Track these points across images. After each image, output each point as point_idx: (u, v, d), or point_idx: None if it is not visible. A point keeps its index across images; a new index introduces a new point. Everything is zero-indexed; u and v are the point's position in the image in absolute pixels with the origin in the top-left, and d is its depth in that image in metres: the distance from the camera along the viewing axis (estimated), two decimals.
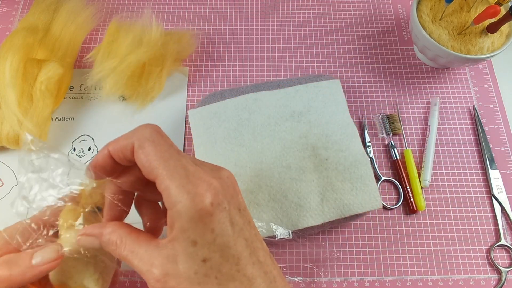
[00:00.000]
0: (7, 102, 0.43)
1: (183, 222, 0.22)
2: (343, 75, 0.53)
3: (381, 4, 0.58)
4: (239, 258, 0.23)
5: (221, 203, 0.23)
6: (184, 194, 0.22)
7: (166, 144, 0.24)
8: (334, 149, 0.42)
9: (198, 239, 0.22)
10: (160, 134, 0.24)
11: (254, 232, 0.25)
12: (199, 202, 0.22)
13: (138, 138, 0.23)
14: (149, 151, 0.23)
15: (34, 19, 0.50)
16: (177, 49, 0.50)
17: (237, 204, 0.24)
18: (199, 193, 0.22)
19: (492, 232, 0.45)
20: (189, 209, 0.22)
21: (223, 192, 0.23)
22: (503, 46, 0.46)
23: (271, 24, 0.56)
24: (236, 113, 0.44)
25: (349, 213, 0.40)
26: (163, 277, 0.22)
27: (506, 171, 0.48)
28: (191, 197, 0.22)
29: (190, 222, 0.22)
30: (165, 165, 0.23)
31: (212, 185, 0.23)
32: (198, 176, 0.23)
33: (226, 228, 0.23)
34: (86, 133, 0.48)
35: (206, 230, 0.22)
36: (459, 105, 0.51)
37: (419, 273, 0.42)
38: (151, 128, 0.24)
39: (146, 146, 0.23)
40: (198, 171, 0.23)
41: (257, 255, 0.24)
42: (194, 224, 0.22)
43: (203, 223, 0.22)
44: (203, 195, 0.22)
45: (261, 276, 0.24)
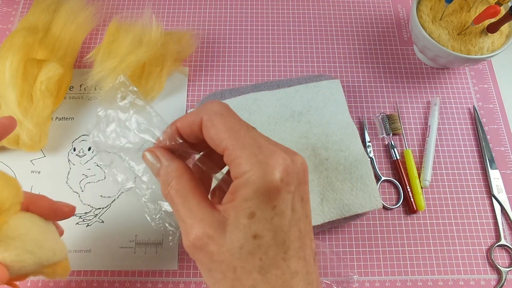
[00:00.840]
0: (7, 102, 0.43)
1: (248, 191, 0.21)
2: (343, 75, 0.53)
3: (381, 4, 0.58)
4: (289, 247, 0.22)
5: (290, 183, 0.21)
6: (256, 163, 0.21)
7: (235, 117, 0.23)
8: (334, 149, 0.42)
9: (258, 212, 0.21)
10: (228, 109, 0.24)
11: (309, 228, 0.24)
12: (270, 174, 0.20)
13: (207, 112, 0.23)
14: (218, 123, 0.22)
15: (34, 19, 0.50)
16: (177, 49, 0.50)
17: (303, 193, 0.23)
18: (271, 165, 0.21)
19: (492, 232, 0.45)
20: (258, 179, 0.20)
21: (294, 174, 0.22)
22: (503, 46, 0.46)
23: (271, 24, 0.56)
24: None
25: (349, 213, 0.40)
26: (206, 238, 0.21)
27: (506, 171, 0.48)
28: (262, 167, 0.21)
29: (255, 193, 0.21)
30: (235, 136, 0.22)
31: (286, 160, 0.21)
32: (271, 149, 0.22)
33: (287, 210, 0.21)
34: (86, 133, 0.48)
35: (268, 205, 0.21)
36: (459, 105, 0.51)
37: (419, 273, 0.42)
38: (219, 103, 0.24)
39: (215, 119, 0.22)
40: (270, 145, 0.22)
41: (305, 252, 0.23)
42: (259, 196, 0.21)
43: (267, 197, 0.21)
44: (275, 168, 0.21)
45: (303, 274, 0.22)
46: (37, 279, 0.41)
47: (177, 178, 0.23)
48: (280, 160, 0.21)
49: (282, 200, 0.21)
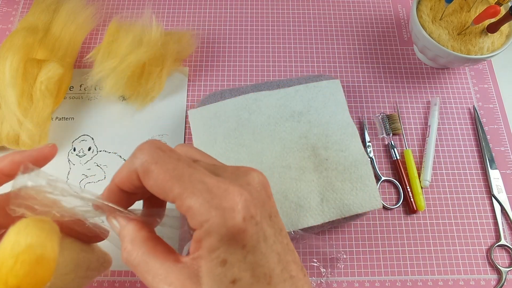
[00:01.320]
0: (7, 102, 0.43)
1: (212, 241, 0.19)
2: (343, 75, 0.53)
3: (381, 4, 0.58)
4: (271, 276, 0.21)
5: (253, 216, 0.20)
6: (211, 210, 0.19)
7: (171, 160, 0.21)
8: (334, 149, 0.42)
9: (229, 258, 0.20)
10: (161, 151, 0.21)
11: (286, 242, 0.22)
12: (230, 218, 0.19)
13: (139, 164, 0.21)
14: (157, 175, 0.20)
15: (34, 19, 0.50)
16: (177, 49, 0.50)
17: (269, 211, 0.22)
18: (228, 208, 0.19)
19: (492, 232, 0.45)
20: (219, 228, 0.19)
21: (254, 202, 0.20)
22: (503, 46, 0.46)
23: (271, 24, 0.56)
24: (236, 113, 0.44)
25: (349, 213, 0.40)
26: None
27: (506, 171, 0.48)
28: (220, 214, 0.19)
29: (221, 241, 0.19)
30: (180, 185, 0.20)
31: (242, 195, 0.20)
32: (223, 188, 0.20)
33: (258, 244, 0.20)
34: (86, 133, 0.48)
35: (237, 247, 0.20)
36: (459, 105, 0.51)
37: (419, 273, 0.42)
38: (149, 148, 0.21)
39: (151, 171, 0.20)
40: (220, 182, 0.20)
41: (289, 270, 0.22)
42: (225, 243, 0.19)
43: (234, 241, 0.19)
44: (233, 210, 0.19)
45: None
46: None
47: (132, 242, 0.21)
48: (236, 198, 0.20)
49: (251, 236, 0.20)
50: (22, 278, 0.20)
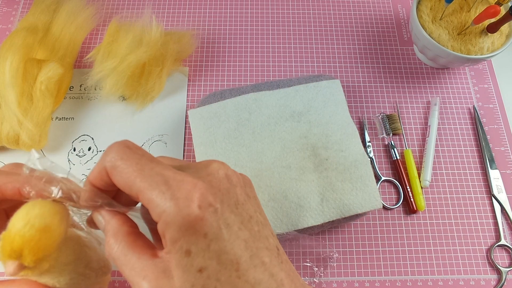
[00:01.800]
0: (7, 102, 0.43)
1: (172, 232, 0.20)
2: (343, 75, 0.53)
3: (381, 4, 0.58)
4: (238, 263, 0.21)
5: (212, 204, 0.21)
6: (167, 201, 0.20)
7: (136, 156, 0.22)
8: (334, 149, 0.42)
9: (192, 248, 0.20)
10: (128, 148, 0.22)
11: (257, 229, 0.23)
12: (184, 207, 0.20)
13: (107, 160, 0.22)
14: (122, 170, 0.21)
15: (34, 19, 0.50)
16: (177, 49, 0.50)
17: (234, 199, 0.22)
18: (183, 197, 0.20)
19: (492, 232, 0.45)
20: (176, 217, 0.20)
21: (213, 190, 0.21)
22: (503, 46, 0.46)
23: (271, 24, 0.56)
24: (236, 113, 0.44)
25: (349, 213, 0.40)
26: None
27: (506, 171, 0.48)
28: (174, 203, 0.20)
29: (179, 231, 0.20)
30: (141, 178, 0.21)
31: (197, 185, 0.20)
32: (179, 179, 0.21)
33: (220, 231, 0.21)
34: (86, 133, 0.48)
35: (198, 236, 0.20)
36: (459, 105, 0.51)
37: (419, 273, 0.42)
38: (118, 146, 0.22)
39: (117, 166, 0.21)
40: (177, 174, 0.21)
41: (260, 256, 0.22)
42: (185, 232, 0.20)
43: (194, 230, 0.20)
44: (188, 198, 0.20)
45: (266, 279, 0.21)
46: None
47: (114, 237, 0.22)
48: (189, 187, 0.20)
49: (211, 224, 0.20)
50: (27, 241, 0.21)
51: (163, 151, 0.47)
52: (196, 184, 0.20)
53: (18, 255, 0.22)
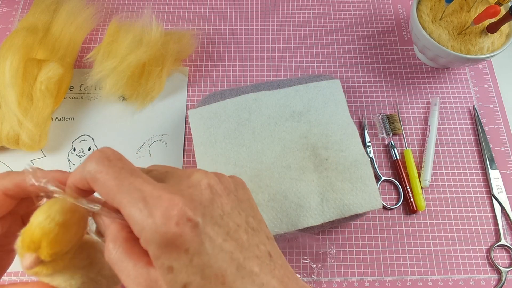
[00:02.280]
0: (7, 102, 0.43)
1: (153, 249, 0.20)
2: (343, 75, 0.53)
3: (381, 4, 0.58)
4: (224, 276, 0.20)
5: (191, 218, 0.20)
6: (145, 219, 0.20)
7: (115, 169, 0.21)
8: (334, 149, 0.42)
9: (174, 264, 0.20)
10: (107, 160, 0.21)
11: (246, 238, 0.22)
12: (162, 224, 0.19)
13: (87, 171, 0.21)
14: (102, 184, 0.21)
15: (34, 19, 0.50)
16: (177, 49, 0.51)
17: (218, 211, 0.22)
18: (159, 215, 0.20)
19: (492, 232, 0.45)
20: (154, 235, 0.19)
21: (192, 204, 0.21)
22: (503, 46, 0.46)
23: (271, 24, 0.56)
24: (236, 113, 0.44)
25: (349, 213, 0.40)
26: None
27: (506, 171, 0.48)
28: (152, 221, 0.19)
29: (159, 248, 0.20)
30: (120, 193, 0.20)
31: (174, 201, 0.20)
32: (156, 195, 0.20)
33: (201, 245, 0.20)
34: (86, 133, 0.48)
35: (179, 252, 0.20)
36: (459, 105, 0.51)
37: (419, 273, 0.42)
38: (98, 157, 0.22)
39: (97, 179, 0.21)
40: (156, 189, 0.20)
41: (249, 266, 0.21)
42: (164, 249, 0.20)
43: (174, 246, 0.20)
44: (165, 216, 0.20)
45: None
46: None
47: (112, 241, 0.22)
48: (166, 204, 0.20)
49: (191, 239, 0.20)
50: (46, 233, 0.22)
51: (163, 151, 0.47)
52: (173, 200, 0.20)
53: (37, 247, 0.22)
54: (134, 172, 0.21)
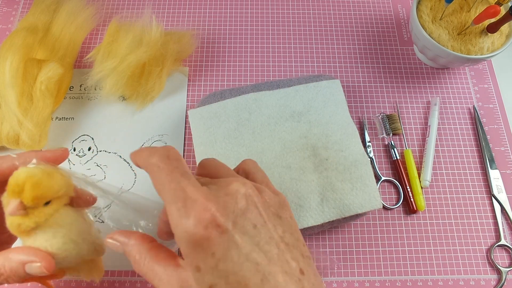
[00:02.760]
0: (7, 102, 0.43)
1: (183, 247, 0.21)
2: (343, 75, 0.53)
3: (381, 4, 0.58)
4: (247, 285, 0.21)
5: (220, 225, 0.21)
6: (181, 219, 0.21)
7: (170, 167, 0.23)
8: (334, 149, 0.42)
9: (201, 264, 0.21)
10: (166, 157, 0.24)
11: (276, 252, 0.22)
12: (192, 226, 0.21)
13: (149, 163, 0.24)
14: (156, 178, 0.23)
15: (34, 19, 0.50)
16: (177, 49, 0.50)
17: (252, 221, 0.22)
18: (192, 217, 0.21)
19: (492, 232, 0.45)
20: (185, 234, 0.21)
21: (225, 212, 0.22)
22: (503, 46, 0.46)
23: (271, 24, 0.56)
24: (236, 113, 0.44)
25: (349, 213, 0.40)
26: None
27: (506, 171, 0.48)
28: (184, 222, 0.21)
29: (188, 247, 0.21)
30: (167, 190, 0.22)
31: (207, 207, 0.21)
32: (194, 199, 0.22)
33: (228, 252, 0.21)
34: (86, 133, 0.48)
35: (206, 254, 0.21)
36: (459, 105, 0.51)
37: (419, 273, 0.42)
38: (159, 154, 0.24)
39: (153, 172, 0.23)
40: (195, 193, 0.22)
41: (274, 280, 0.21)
42: (193, 249, 0.21)
43: (201, 248, 0.21)
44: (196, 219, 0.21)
45: None
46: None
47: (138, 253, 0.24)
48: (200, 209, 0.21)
49: (218, 245, 0.21)
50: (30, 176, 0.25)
51: None
52: (206, 206, 0.21)
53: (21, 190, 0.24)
54: (185, 174, 0.23)
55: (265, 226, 0.23)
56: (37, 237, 0.26)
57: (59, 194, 0.26)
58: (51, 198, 0.26)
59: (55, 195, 0.26)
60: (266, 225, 0.23)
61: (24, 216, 0.25)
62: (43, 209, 0.26)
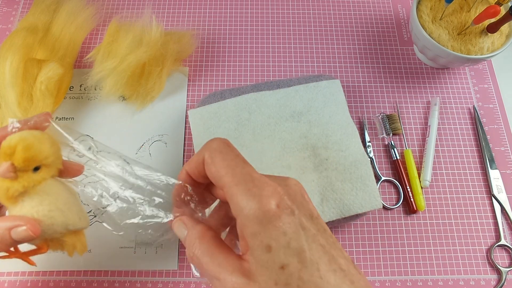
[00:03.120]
0: (7, 102, 0.43)
1: (253, 226, 0.21)
2: (343, 75, 0.53)
3: (381, 4, 0.58)
4: (319, 263, 0.21)
5: (289, 207, 0.22)
6: (250, 197, 0.22)
7: (233, 153, 0.25)
8: (334, 149, 0.42)
9: (272, 243, 0.21)
10: (227, 145, 0.25)
11: (332, 240, 0.23)
12: (265, 203, 0.22)
13: (208, 149, 0.25)
14: (218, 161, 0.24)
15: (34, 19, 0.50)
16: (177, 49, 0.51)
17: (309, 212, 0.24)
18: (264, 195, 0.22)
19: (492, 232, 0.45)
20: (257, 211, 0.21)
21: (290, 198, 0.23)
22: (503, 46, 0.46)
23: (271, 24, 0.56)
24: (236, 113, 0.44)
25: (349, 213, 0.40)
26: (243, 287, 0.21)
27: (506, 171, 0.48)
28: (257, 200, 0.22)
29: (260, 225, 0.21)
30: (232, 173, 0.23)
31: (277, 189, 0.23)
32: (264, 181, 0.23)
33: (298, 231, 0.22)
34: (86, 133, 0.48)
35: (278, 232, 0.21)
36: (459, 105, 0.51)
37: (419, 273, 0.42)
38: (219, 141, 0.25)
39: (214, 157, 0.24)
40: (263, 177, 0.23)
41: (338, 263, 0.22)
42: (264, 227, 0.21)
43: (273, 225, 0.21)
44: (269, 197, 0.22)
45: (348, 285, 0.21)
46: (37, 279, 0.41)
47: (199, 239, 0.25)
48: (271, 189, 0.22)
49: (289, 223, 0.22)
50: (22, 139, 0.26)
51: (163, 151, 0.47)
52: (277, 188, 0.23)
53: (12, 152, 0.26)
54: (246, 162, 0.25)
55: (319, 219, 0.24)
56: (24, 204, 0.27)
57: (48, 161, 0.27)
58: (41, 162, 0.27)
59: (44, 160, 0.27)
60: (319, 219, 0.24)
61: (13, 180, 0.26)
62: (32, 174, 0.27)
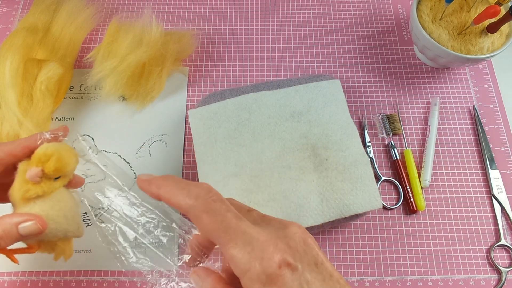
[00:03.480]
0: (7, 102, 0.43)
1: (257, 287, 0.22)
2: (343, 75, 0.53)
3: (381, 4, 0.58)
4: None
5: (290, 263, 0.23)
6: (252, 261, 0.22)
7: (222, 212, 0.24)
8: (334, 149, 0.42)
9: None
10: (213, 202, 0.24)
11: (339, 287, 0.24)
12: (267, 266, 0.22)
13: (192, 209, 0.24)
14: (206, 223, 0.24)
15: (34, 19, 0.50)
16: (177, 49, 0.51)
17: (313, 260, 0.24)
18: (266, 258, 0.22)
19: (492, 232, 0.45)
20: (260, 275, 0.22)
21: (292, 252, 0.23)
22: (503, 46, 0.46)
23: (271, 24, 0.56)
24: (236, 113, 0.44)
25: (349, 213, 0.40)
26: None
27: (506, 171, 0.48)
28: (259, 263, 0.22)
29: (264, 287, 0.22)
30: (226, 235, 0.23)
31: (278, 246, 0.23)
32: (262, 240, 0.23)
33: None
34: (86, 133, 0.48)
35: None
36: (459, 105, 0.51)
37: (419, 273, 0.42)
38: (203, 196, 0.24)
39: (202, 218, 0.24)
40: (260, 234, 0.23)
41: None
42: None
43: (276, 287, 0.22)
44: (270, 259, 0.22)
45: None
46: (37, 279, 0.41)
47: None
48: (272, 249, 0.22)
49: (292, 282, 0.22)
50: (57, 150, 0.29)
51: (163, 151, 0.47)
52: (277, 245, 0.23)
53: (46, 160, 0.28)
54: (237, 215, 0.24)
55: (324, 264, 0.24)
56: (35, 205, 0.28)
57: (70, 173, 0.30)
58: (65, 173, 0.29)
59: (68, 172, 0.30)
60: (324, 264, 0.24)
61: (36, 184, 0.28)
62: (52, 182, 0.29)
